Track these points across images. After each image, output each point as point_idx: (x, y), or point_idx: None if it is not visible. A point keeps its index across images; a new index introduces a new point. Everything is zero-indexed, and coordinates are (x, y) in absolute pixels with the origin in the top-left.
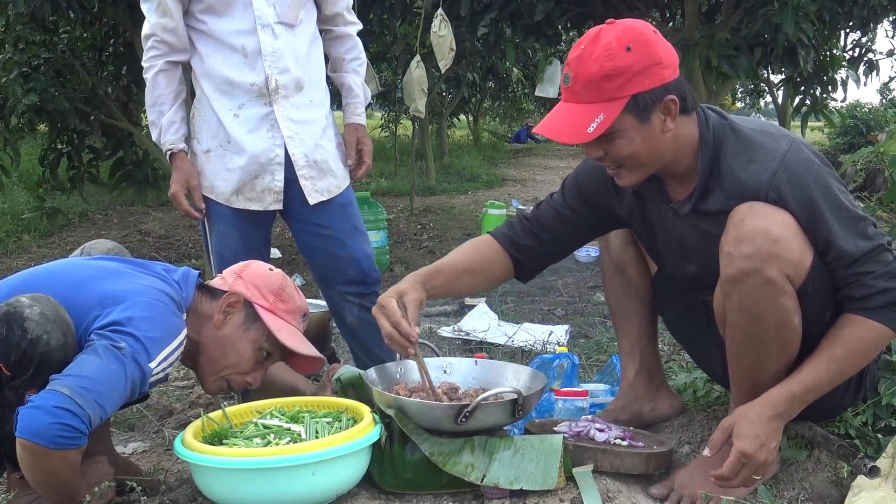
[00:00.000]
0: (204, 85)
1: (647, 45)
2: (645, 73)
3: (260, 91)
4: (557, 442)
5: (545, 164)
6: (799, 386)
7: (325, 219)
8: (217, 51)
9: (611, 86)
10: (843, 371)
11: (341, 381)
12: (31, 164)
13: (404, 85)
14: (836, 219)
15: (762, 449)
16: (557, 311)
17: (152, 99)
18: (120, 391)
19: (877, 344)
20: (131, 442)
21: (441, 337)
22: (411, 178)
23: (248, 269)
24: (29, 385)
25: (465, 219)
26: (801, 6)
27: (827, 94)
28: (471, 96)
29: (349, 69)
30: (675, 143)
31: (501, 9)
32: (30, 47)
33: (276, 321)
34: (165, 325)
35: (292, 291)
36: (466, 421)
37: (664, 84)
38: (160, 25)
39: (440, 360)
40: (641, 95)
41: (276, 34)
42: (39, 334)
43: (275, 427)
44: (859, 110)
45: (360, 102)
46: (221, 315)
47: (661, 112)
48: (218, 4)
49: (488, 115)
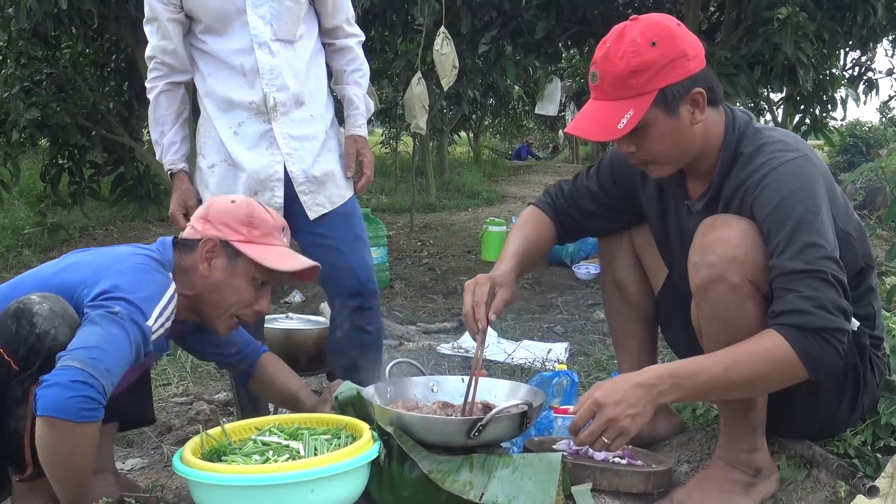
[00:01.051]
0: (206, 104)
1: (671, 39)
2: (671, 66)
3: (259, 109)
4: (556, 460)
5: (545, 182)
6: (679, 367)
7: (327, 228)
8: (217, 70)
9: (638, 81)
10: (730, 374)
11: (339, 399)
12: (33, 180)
13: (405, 102)
14: (793, 232)
15: (617, 405)
16: (557, 328)
17: (154, 118)
18: (126, 354)
19: (775, 361)
20: (130, 458)
21: (440, 354)
22: (411, 194)
23: (211, 210)
24: (34, 380)
25: (466, 235)
26: (801, 25)
27: (826, 112)
28: (471, 113)
29: (350, 81)
30: (704, 136)
31: (502, 27)
32: (32, 62)
33: (258, 249)
34: (152, 283)
35: (262, 214)
36: (479, 435)
37: (691, 76)
38: (160, 48)
39: (426, 378)
40: (669, 88)
41: (274, 52)
42: (47, 329)
43: (273, 444)
44: (859, 129)
45: (361, 114)
46: (205, 263)
47: (689, 104)
48: (216, 24)
49: (489, 132)
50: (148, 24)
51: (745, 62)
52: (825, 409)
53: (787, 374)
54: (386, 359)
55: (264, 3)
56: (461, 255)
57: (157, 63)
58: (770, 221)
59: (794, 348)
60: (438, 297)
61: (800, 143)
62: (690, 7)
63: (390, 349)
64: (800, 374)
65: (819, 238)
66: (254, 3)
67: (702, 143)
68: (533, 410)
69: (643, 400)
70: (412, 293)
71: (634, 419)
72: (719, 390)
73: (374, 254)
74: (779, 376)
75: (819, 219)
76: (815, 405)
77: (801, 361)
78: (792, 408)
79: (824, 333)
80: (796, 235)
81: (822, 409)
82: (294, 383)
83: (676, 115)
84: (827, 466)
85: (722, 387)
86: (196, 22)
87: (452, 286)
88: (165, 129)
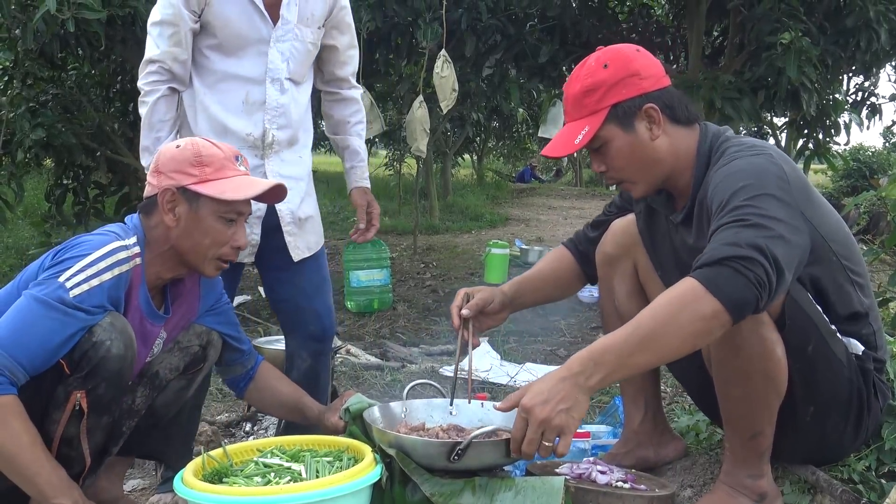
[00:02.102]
0: (199, 121)
1: (623, 60)
2: (622, 84)
3: (254, 143)
4: (559, 484)
5: (549, 204)
6: (595, 345)
7: (299, 272)
8: (215, 91)
9: (591, 100)
10: (642, 328)
11: (350, 411)
12: (37, 199)
13: (407, 125)
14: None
15: (545, 405)
16: (560, 351)
17: (150, 123)
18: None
19: (681, 298)
20: (130, 479)
21: (443, 376)
22: (415, 216)
23: (160, 161)
24: (80, 385)
25: (469, 258)
26: (804, 50)
27: (830, 137)
28: (475, 136)
29: (353, 132)
30: (673, 153)
31: (506, 50)
32: (38, 83)
33: (215, 186)
34: (79, 247)
35: (210, 150)
36: (459, 459)
37: (643, 93)
38: (171, 55)
39: (445, 401)
40: (620, 105)
41: (284, 89)
42: (103, 339)
43: (275, 466)
44: (862, 153)
45: (366, 166)
46: (169, 214)
47: (644, 120)
48: (231, 45)
49: (492, 154)
50: (160, 26)
51: (749, 86)
52: (830, 434)
53: (697, 311)
54: (405, 380)
55: (287, 39)
56: (464, 278)
57: (162, 68)
58: (714, 200)
59: (698, 280)
60: (441, 319)
61: (766, 147)
62: (694, 32)
63: (393, 371)
64: (709, 306)
65: (757, 203)
66: (277, 38)
67: (671, 159)
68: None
69: (572, 392)
70: (415, 315)
71: (570, 413)
72: (643, 352)
73: (378, 275)
74: (689, 315)
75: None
76: (821, 430)
77: (707, 290)
78: (797, 433)
79: (729, 262)
80: (731, 200)
81: (827, 434)
82: (296, 390)
83: (632, 130)
84: (831, 492)
85: (641, 346)
86: (207, 36)
87: None
88: (162, 135)
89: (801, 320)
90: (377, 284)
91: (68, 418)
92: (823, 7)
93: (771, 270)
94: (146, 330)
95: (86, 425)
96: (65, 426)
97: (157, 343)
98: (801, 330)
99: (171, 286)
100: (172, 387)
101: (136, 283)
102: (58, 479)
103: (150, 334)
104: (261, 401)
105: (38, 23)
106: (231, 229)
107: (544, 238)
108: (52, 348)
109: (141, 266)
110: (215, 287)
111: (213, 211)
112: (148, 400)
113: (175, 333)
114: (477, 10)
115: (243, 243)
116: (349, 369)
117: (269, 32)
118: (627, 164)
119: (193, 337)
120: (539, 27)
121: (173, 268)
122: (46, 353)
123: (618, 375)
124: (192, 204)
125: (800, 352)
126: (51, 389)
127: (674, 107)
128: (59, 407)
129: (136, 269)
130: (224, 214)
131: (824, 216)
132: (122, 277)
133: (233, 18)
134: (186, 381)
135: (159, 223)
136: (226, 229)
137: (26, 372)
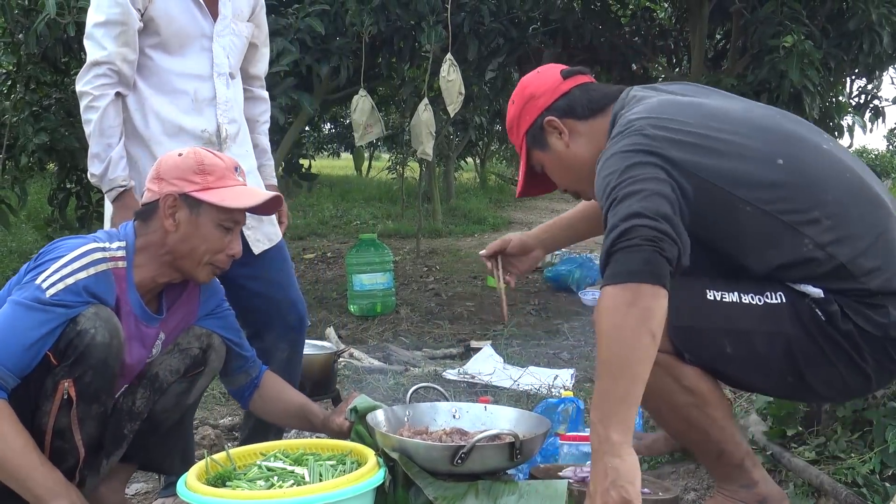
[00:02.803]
0: (150, 124)
1: (520, 90)
2: (524, 112)
3: (210, 139)
4: (562, 487)
5: (551, 208)
6: (592, 410)
7: (266, 262)
8: (162, 91)
9: (514, 137)
10: (612, 368)
11: (357, 410)
12: (40, 203)
13: (412, 128)
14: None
15: (594, 497)
16: (563, 354)
17: (100, 129)
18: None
19: (614, 311)
20: (133, 483)
21: (446, 380)
22: (418, 220)
23: (162, 168)
24: (67, 374)
25: (472, 261)
26: (807, 53)
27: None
28: (478, 139)
29: (262, 131)
30: (592, 146)
31: (509, 53)
32: (41, 87)
33: (215, 194)
34: (56, 251)
35: (212, 160)
36: (462, 462)
37: (542, 110)
38: (120, 55)
39: (449, 404)
40: (529, 131)
41: (228, 84)
42: (88, 328)
43: (278, 469)
44: (866, 156)
45: (273, 164)
46: (169, 220)
47: (552, 134)
48: (173, 42)
49: (495, 157)
50: (106, 27)
51: (751, 90)
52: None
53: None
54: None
55: (226, 34)
56: (467, 281)
57: (111, 70)
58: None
59: (608, 283)
60: (444, 322)
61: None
62: (696, 35)
63: (396, 375)
64: (641, 293)
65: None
66: (219, 32)
67: (594, 153)
68: (526, 441)
69: (605, 466)
70: (418, 318)
71: (616, 483)
72: (626, 378)
73: (381, 279)
74: (633, 318)
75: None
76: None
77: (619, 286)
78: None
79: (615, 247)
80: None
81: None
82: (300, 396)
83: (548, 147)
84: (835, 495)
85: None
86: (149, 35)
87: (458, 311)
88: (112, 141)
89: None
90: (380, 288)
91: (58, 409)
92: (826, 10)
93: (653, 223)
94: (142, 332)
95: (76, 415)
96: (55, 417)
97: (157, 345)
98: (702, 346)
99: (167, 290)
100: (173, 390)
101: (123, 286)
102: (53, 482)
103: (148, 336)
104: (266, 410)
105: (40, 27)
106: (227, 237)
107: None
108: (35, 345)
109: (126, 269)
110: (216, 292)
111: (213, 218)
112: (149, 403)
113: (175, 335)
114: (479, 13)
115: (238, 252)
116: (352, 373)
117: (211, 28)
118: (563, 177)
119: (193, 339)
120: (542, 31)
121: (166, 273)
122: (30, 351)
123: (628, 412)
124: (192, 210)
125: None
126: (40, 384)
127: (573, 107)
128: (48, 398)
129: (119, 272)
130: (222, 222)
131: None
132: (100, 277)
133: (176, 15)
134: (187, 384)
135: (157, 228)
136: (223, 237)
137: (14, 374)
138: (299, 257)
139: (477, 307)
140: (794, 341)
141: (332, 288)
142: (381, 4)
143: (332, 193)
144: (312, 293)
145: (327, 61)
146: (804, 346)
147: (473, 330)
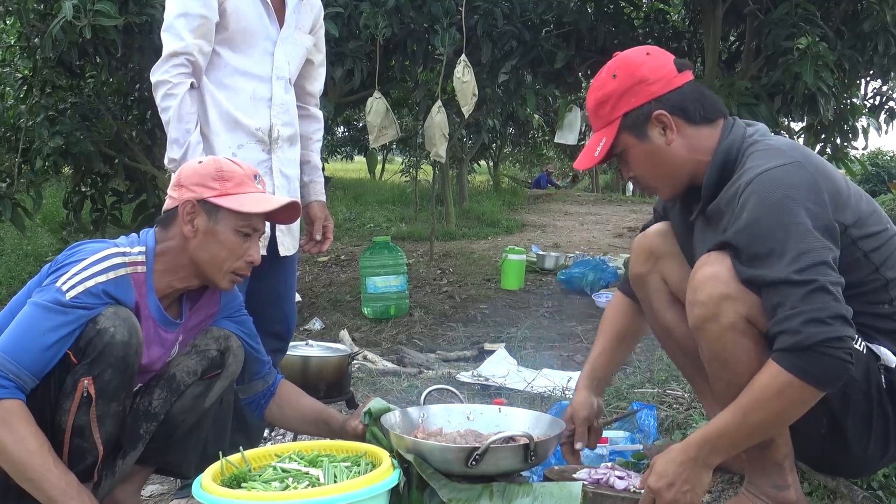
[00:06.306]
0: (210, 116)
1: (630, 68)
2: (629, 92)
3: (262, 137)
4: (577, 489)
5: (565, 210)
6: (708, 432)
7: (277, 271)
8: (224, 85)
9: (604, 111)
10: (751, 420)
11: (371, 413)
12: (55, 207)
13: (425, 130)
14: (773, 242)
15: (670, 488)
16: (577, 356)
17: (179, 115)
18: (40, 325)
19: (781, 392)
20: (149, 485)
21: (460, 382)
22: (431, 222)
23: (182, 175)
24: (86, 372)
25: (485, 264)
26: (821, 55)
27: (848, 142)
28: (491, 142)
29: (314, 149)
30: (693, 154)
31: (522, 56)
32: (56, 91)
33: (234, 200)
34: (76, 254)
35: (230, 166)
36: (477, 464)
37: (652, 99)
38: (197, 46)
39: (464, 406)
40: (630, 114)
41: (287, 88)
42: (107, 326)
43: (293, 471)
44: (881, 158)
45: (323, 181)
46: (188, 226)
47: (656, 126)
48: (240, 40)
49: (508, 160)
50: (186, 17)
51: (766, 92)
52: (853, 447)
53: (800, 399)
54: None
55: (289, 42)
56: (481, 284)
57: (189, 60)
58: (748, 232)
59: (792, 373)
60: (458, 325)
61: (799, 148)
62: (710, 37)
63: (410, 377)
64: (812, 394)
65: (803, 243)
66: (283, 38)
67: (691, 161)
68: (541, 443)
69: (692, 475)
70: (431, 321)
71: (693, 492)
72: (752, 437)
73: (394, 282)
74: (793, 404)
75: (799, 222)
76: (841, 443)
77: (806, 383)
78: (814, 442)
79: (819, 347)
80: (777, 244)
81: (850, 447)
82: (316, 403)
83: (646, 137)
84: (852, 498)
85: (752, 434)
86: (219, 30)
87: (472, 314)
88: (191, 126)
89: None
90: (394, 291)
91: (78, 406)
92: (840, 12)
93: (852, 332)
94: (161, 337)
95: (95, 413)
96: (75, 415)
97: (175, 348)
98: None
99: (187, 295)
100: (190, 392)
101: (143, 291)
102: (66, 485)
103: (166, 340)
104: (283, 417)
105: (56, 31)
106: (246, 244)
107: (561, 244)
108: (54, 347)
109: (146, 275)
110: (235, 298)
111: (231, 224)
112: (166, 404)
113: (193, 336)
114: (493, 16)
115: (257, 259)
116: (366, 375)
117: (276, 33)
118: (648, 171)
119: (211, 341)
120: (555, 33)
121: (186, 278)
122: (48, 353)
123: (729, 455)
124: (210, 216)
125: None
126: (60, 382)
127: (686, 108)
128: (68, 396)
129: (139, 277)
130: (240, 228)
131: (849, 207)
132: (119, 281)
133: (247, 13)
134: (204, 386)
135: (177, 234)
136: (241, 243)
137: (33, 375)
138: (313, 260)
139: (491, 310)
140: (852, 387)
141: (345, 291)
142: (395, 7)
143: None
144: (326, 296)
145: (341, 64)
146: (858, 396)
147: (487, 332)
